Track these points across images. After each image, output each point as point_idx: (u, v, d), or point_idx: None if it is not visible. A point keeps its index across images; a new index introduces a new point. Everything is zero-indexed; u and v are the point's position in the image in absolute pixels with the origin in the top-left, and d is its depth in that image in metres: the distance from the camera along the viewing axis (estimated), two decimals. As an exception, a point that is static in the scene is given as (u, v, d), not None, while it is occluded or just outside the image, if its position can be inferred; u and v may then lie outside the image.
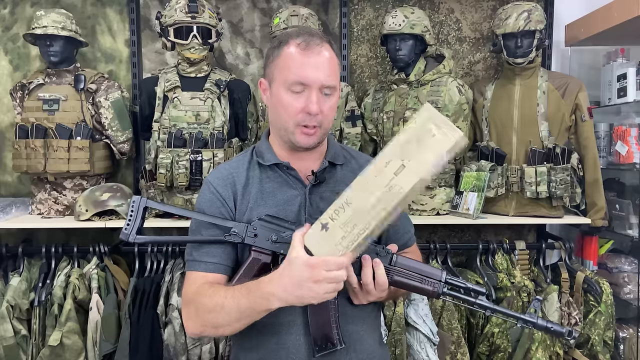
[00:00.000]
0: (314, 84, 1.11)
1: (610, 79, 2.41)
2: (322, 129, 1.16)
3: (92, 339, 2.06)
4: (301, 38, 1.13)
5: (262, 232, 1.12)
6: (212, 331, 1.14)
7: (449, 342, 2.08)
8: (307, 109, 1.12)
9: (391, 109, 2.30)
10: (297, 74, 1.12)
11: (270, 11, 2.56)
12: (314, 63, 1.12)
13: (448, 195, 2.32)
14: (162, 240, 2.17)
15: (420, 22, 2.22)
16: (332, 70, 1.14)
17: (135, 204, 1.16)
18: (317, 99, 1.12)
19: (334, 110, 1.18)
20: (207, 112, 2.16)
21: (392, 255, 1.11)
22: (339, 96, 1.19)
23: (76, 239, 2.45)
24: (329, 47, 1.16)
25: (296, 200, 1.18)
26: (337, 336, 1.12)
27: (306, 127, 1.14)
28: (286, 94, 1.13)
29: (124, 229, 1.15)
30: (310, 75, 1.11)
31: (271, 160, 1.20)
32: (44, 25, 2.18)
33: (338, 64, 1.17)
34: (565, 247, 2.30)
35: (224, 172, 1.24)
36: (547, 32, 2.42)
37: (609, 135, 2.44)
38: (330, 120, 1.18)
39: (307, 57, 1.12)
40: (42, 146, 2.19)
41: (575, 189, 2.26)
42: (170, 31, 2.15)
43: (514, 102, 2.30)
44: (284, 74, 1.13)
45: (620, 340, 2.31)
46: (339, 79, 1.17)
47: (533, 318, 1.06)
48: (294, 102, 1.13)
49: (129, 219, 1.16)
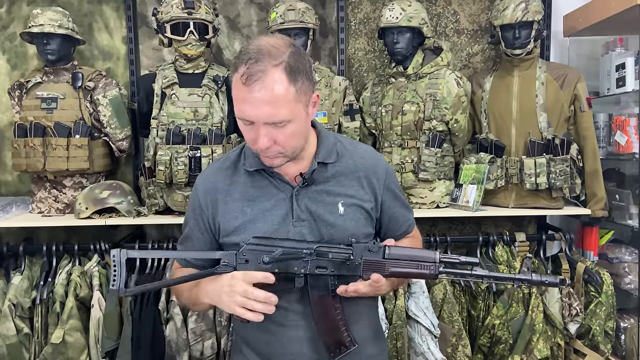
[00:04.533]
0: (257, 121, 1.04)
1: (609, 69, 2.40)
2: (286, 153, 1.11)
3: (95, 336, 2.07)
4: (245, 67, 1.02)
5: (252, 256, 1.11)
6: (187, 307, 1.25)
7: (450, 335, 2.08)
8: (256, 144, 1.08)
9: (389, 103, 2.30)
10: (240, 110, 1.05)
11: (267, 6, 2.56)
12: (252, 101, 1.02)
13: (447, 188, 2.32)
14: (151, 288, 1.90)
15: (418, 15, 2.21)
16: (276, 105, 1.02)
17: (116, 258, 1.12)
18: (265, 132, 1.05)
19: (295, 136, 1.08)
20: (205, 109, 2.16)
21: (384, 248, 1.11)
22: (300, 119, 1.08)
23: (77, 237, 2.46)
24: (278, 72, 1.02)
25: (283, 203, 1.17)
26: (348, 338, 1.13)
27: (266, 155, 1.10)
28: (240, 122, 1.09)
29: (112, 286, 1.12)
30: (250, 114, 1.04)
31: (254, 166, 1.18)
32: (40, 24, 2.17)
33: (292, 90, 1.03)
34: (565, 238, 2.30)
35: (208, 176, 1.25)
36: (545, 22, 2.41)
37: (608, 125, 2.44)
38: (292, 145, 1.10)
39: (246, 92, 1.02)
40: (41, 145, 2.19)
41: (574, 180, 2.26)
42: (167, 28, 2.14)
43: (513, 93, 2.30)
44: (234, 103, 1.07)
45: (621, 331, 2.32)
46: (293, 105, 1.05)
47: (527, 276, 1.09)
48: (247, 134, 1.09)
49: (114, 275, 1.12)
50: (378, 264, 1.10)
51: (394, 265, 1.10)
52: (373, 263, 1.10)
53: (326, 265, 1.11)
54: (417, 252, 1.12)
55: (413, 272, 1.11)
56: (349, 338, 1.13)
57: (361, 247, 1.11)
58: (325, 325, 1.12)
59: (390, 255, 1.11)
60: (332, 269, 1.11)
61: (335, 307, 1.12)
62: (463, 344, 2.09)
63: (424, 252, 1.12)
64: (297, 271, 1.11)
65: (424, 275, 1.12)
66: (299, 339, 1.16)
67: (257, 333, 1.20)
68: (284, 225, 1.16)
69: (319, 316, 1.12)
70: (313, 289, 1.12)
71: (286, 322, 1.16)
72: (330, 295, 1.12)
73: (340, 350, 1.12)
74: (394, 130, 2.28)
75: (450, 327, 2.09)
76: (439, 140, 2.24)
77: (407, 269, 1.11)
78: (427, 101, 2.23)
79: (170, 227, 2.56)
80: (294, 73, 1.04)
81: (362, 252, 1.11)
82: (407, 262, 1.10)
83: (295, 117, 1.06)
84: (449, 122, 2.24)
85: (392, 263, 1.10)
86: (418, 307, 2.06)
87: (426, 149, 2.24)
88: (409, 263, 1.10)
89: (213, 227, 1.22)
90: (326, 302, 1.12)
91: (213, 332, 2.09)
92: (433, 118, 2.23)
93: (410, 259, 1.11)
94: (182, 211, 2.17)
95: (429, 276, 1.12)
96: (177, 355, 2.04)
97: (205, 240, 1.24)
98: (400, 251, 1.12)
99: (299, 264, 1.10)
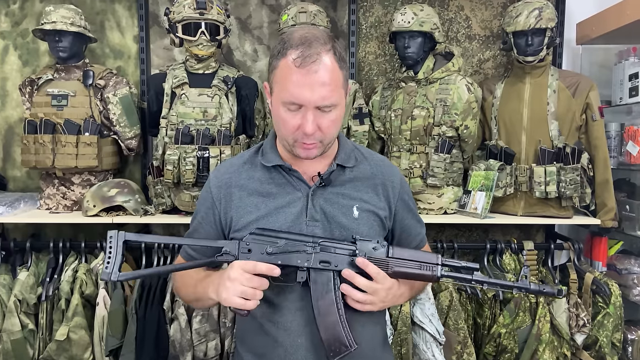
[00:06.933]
0: (309, 104, 1.06)
1: (621, 78, 2.38)
2: (324, 143, 1.12)
3: (99, 334, 2.07)
4: (299, 51, 1.04)
5: (255, 246, 1.11)
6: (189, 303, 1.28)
7: (455, 342, 2.07)
8: (303, 129, 1.08)
9: (399, 107, 2.29)
10: (292, 94, 1.06)
11: (278, 8, 2.55)
12: (309, 83, 1.04)
13: (456, 194, 2.31)
14: (146, 274, 1.75)
15: (430, 20, 2.20)
16: (330, 87, 1.06)
17: (113, 239, 1.08)
18: (313, 117, 1.07)
19: (336, 123, 1.11)
20: (215, 109, 2.16)
21: (387, 247, 1.12)
22: (343, 106, 1.13)
23: (84, 234, 2.46)
24: (329, 57, 1.06)
25: (298, 202, 1.17)
26: (348, 337, 1.12)
27: (305, 143, 1.11)
28: (283, 110, 1.09)
29: (105, 269, 1.06)
30: (304, 96, 1.05)
31: (273, 162, 1.19)
32: (53, 21, 2.18)
33: (341, 75, 1.09)
34: (574, 247, 2.28)
35: (222, 171, 1.25)
36: (558, 30, 2.39)
37: (620, 135, 2.41)
38: (332, 134, 1.13)
39: (302, 75, 1.04)
40: (50, 141, 2.20)
41: (585, 189, 2.24)
42: (179, 27, 2.14)
43: (524, 100, 2.28)
44: (280, 89, 1.08)
45: (629, 343, 2.29)
46: (342, 91, 1.10)
47: (525, 285, 1.11)
48: (291, 120, 1.09)
49: (108, 257, 1.08)
50: (381, 262, 1.11)
51: (397, 265, 1.12)
52: (376, 261, 1.11)
53: (330, 260, 1.11)
54: (420, 254, 1.14)
55: (415, 272, 1.12)
56: (349, 337, 1.12)
57: (365, 244, 1.12)
58: (326, 322, 1.11)
59: (393, 255, 1.12)
60: (336, 264, 1.11)
61: (337, 305, 1.11)
62: (468, 352, 2.07)
63: (426, 255, 1.14)
64: (300, 264, 1.10)
65: (425, 276, 1.13)
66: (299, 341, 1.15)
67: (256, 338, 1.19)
68: (297, 223, 1.16)
69: (319, 313, 1.11)
70: (315, 284, 1.12)
71: (286, 322, 1.15)
72: (332, 292, 1.11)
73: (339, 350, 1.11)
74: (403, 135, 2.27)
75: (455, 334, 2.07)
76: (448, 146, 2.23)
77: (410, 270, 1.12)
78: (437, 106, 2.22)
79: (177, 227, 2.56)
80: (341, 61, 1.09)
81: (365, 249, 1.11)
82: (409, 262, 1.12)
83: (340, 103, 1.10)
84: (458, 128, 2.23)
85: (395, 262, 1.12)
86: (423, 314, 2.05)
87: (435, 154, 2.23)
88: (412, 263, 1.12)
89: (224, 221, 1.21)
90: (328, 300, 1.11)
91: (217, 333, 2.09)
92: (443, 123, 2.22)
93: (413, 259, 1.12)
94: (189, 211, 2.17)
95: (430, 278, 1.13)
96: (180, 356, 2.04)
97: (212, 233, 1.23)
98: (404, 252, 1.13)
99: (302, 257, 1.10)
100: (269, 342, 1.17)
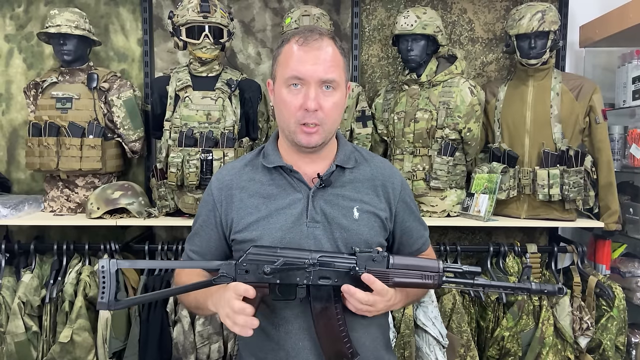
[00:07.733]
0: (311, 79, 1.09)
1: (625, 81, 2.38)
2: (325, 128, 1.13)
3: (102, 336, 2.07)
4: (300, 34, 1.12)
5: (252, 267, 1.08)
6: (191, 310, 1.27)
7: (459, 345, 2.06)
8: (305, 105, 1.09)
9: (402, 110, 2.29)
10: (294, 68, 1.10)
11: (281, 11, 2.56)
12: (311, 57, 1.09)
13: (459, 197, 2.31)
14: (144, 300, 1.83)
15: (433, 23, 2.20)
16: (331, 64, 1.11)
17: (105, 268, 1.05)
18: (315, 94, 1.09)
19: (337, 108, 1.14)
20: (218, 112, 2.17)
21: (388, 257, 1.10)
22: (344, 93, 1.16)
23: (87, 237, 2.47)
24: (330, 41, 1.13)
25: (298, 203, 1.17)
26: (350, 349, 1.11)
27: (306, 126, 1.11)
28: (285, 90, 1.12)
29: (100, 299, 1.05)
30: (306, 68, 1.09)
31: (274, 163, 1.20)
32: (57, 24, 2.19)
33: (342, 60, 1.15)
34: (577, 250, 2.27)
35: (224, 173, 1.25)
36: (562, 33, 2.39)
37: (624, 137, 2.41)
38: (333, 119, 1.14)
39: (305, 51, 1.10)
40: (54, 144, 2.21)
41: (588, 192, 2.24)
42: (182, 31, 2.15)
43: (527, 103, 2.28)
44: (283, 69, 1.12)
45: (633, 346, 2.28)
46: (342, 74, 1.14)
47: (527, 285, 1.10)
48: (293, 99, 1.11)
49: (102, 286, 1.05)
50: (382, 274, 1.09)
51: (398, 275, 1.09)
52: (377, 273, 1.09)
53: (329, 275, 1.09)
54: (421, 262, 1.11)
55: (417, 282, 1.10)
56: (350, 350, 1.11)
57: (365, 256, 1.09)
58: (327, 336, 1.11)
59: (394, 265, 1.10)
60: (335, 279, 1.09)
61: (337, 318, 1.10)
62: (471, 355, 2.07)
63: (428, 262, 1.11)
64: (300, 282, 1.08)
65: (427, 285, 1.11)
66: (301, 344, 1.15)
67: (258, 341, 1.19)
68: (298, 225, 1.15)
69: (320, 327, 1.11)
70: (315, 300, 1.10)
71: (288, 333, 1.15)
72: (332, 305, 1.10)
73: None
74: (406, 137, 2.27)
75: (458, 337, 2.07)
76: (451, 148, 2.23)
77: (411, 279, 1.10)
78: (440, 109, 2.22)
79: (180, 229, 2.57)
80: (342, 50, 1.16)
81: (365, 262, 1.09)
82: (411, 272, 1.10)
83: (341, 86, 1.14)
84: (461, 131, 2.23)
85: (396, 273, 1.09)
86: (427, 317, 2.04)
87: (438, 157, 2.23)
88: (414, 273, 1.10)
89: (225, 223, 1.21)
90: (328, 314, 1.10)
91: (220, 336, 2.09)
92: (446, 126, 2.22)
93: (414, 268, 1.10)
94: (193, 213, 2.18)
95: (432, 286, 1.11)
96: (183, 358, 2.04)
97: (213, 236, 1.24)
98: (404, 261, 1.11)
99: (301, 275, 1.08)
100: (271, 345, 1.17)
